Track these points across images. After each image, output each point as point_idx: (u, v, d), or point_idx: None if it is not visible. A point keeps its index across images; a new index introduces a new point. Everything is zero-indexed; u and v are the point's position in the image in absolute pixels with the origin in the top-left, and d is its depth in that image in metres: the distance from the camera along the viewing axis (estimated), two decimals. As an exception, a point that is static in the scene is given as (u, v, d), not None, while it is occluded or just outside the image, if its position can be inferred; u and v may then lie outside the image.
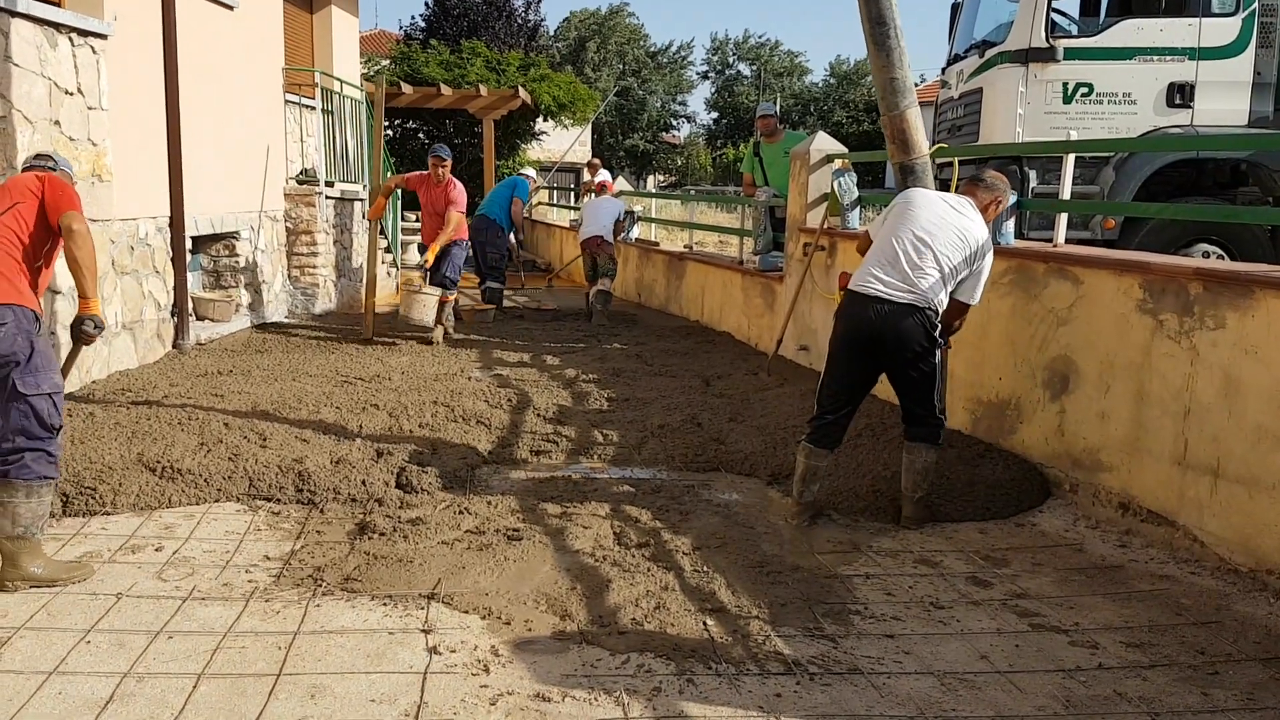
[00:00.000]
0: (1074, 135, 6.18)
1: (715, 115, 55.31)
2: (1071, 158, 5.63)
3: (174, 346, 7.73)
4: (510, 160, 20.80)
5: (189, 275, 8.03)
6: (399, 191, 13.84)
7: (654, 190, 38.52)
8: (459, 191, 9.02)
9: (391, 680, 3.02)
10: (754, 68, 54.27)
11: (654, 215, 15.86)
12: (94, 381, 6.48)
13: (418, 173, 9.43)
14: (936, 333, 4.40)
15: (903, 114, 4.59)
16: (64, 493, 4.42)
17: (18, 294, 3.56)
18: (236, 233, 9.10)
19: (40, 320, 3.66)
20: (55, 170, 3.95)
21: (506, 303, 11.52)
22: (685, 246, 11.83)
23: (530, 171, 12.08)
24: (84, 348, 4.07)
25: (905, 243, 4.39)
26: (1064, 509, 4.77)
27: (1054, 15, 8.58)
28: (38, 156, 4.05)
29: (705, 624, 3.45)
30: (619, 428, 5.93)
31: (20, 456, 3.56)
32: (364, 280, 8.93)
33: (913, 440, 4.54)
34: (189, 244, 7.90)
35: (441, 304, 8.82)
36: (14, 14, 5.56)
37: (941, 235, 4.37)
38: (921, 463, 4.51)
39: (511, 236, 11.72)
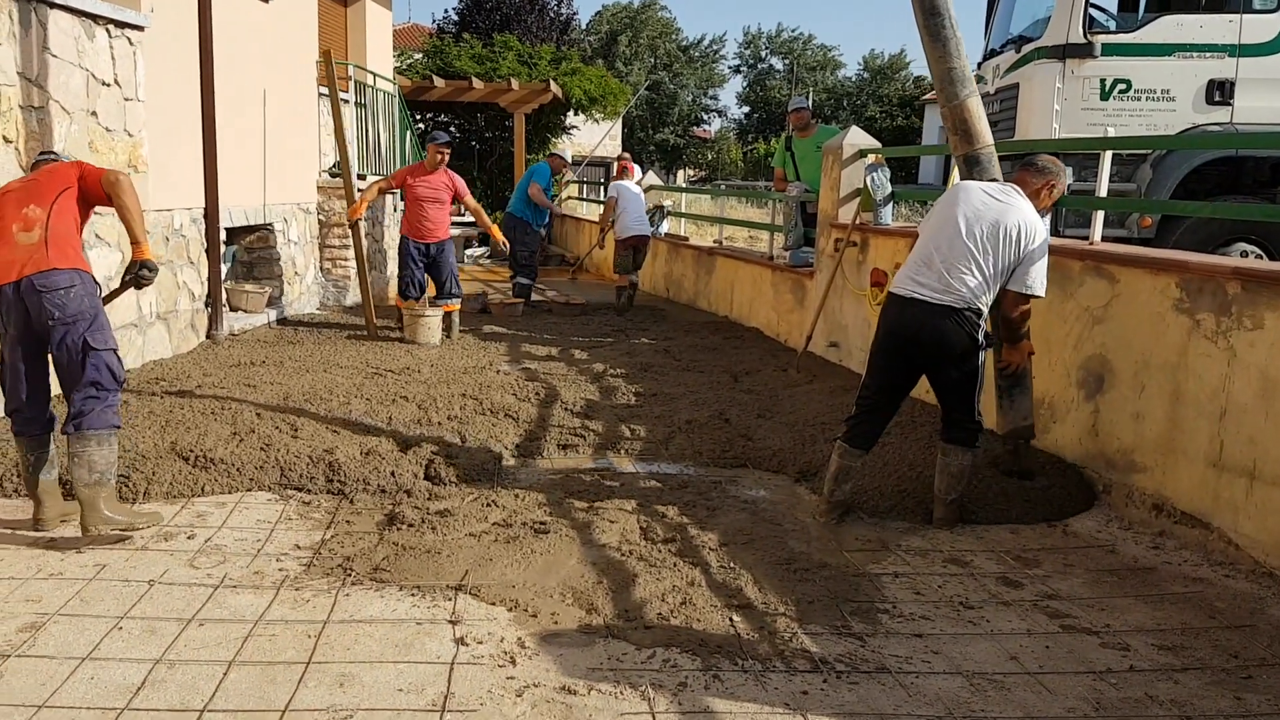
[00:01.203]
0: (1111, 132, 6.10)
1: (746, 109, 55.21)
2: (1108, 155, 5.57)
3: (208, 337, 7.81)
4: (541, 154, 20.81)
5: (223, 266, 8.10)
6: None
7: (684, 185, 38.46)
8: (461, 180, 9.01)
9: (419, 670, 3.04)
10: (786, 62, 54.10)
11: (684, 210, 15.83)
12: (129, 371, 6.56)
13: (403, 169, 9.15)
14: (980, 334, 4.29)
15: (963, 103, 4.52)
16: (99, 480, 4.47)
17: (82, 261, 3.95)
18: (270, 225, 9.17)
19: (98, 284, 4.02)
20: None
21: (535, 297, 11.54)
22: (715, 241, 11.80)
23: (563, 149, 11.88)
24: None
25: (941, 241, 4.31)
26: (1097, 510, 4.72)
27: (1092, 11, 8.48)
28: (44, 154, 4.40)
29: (732, 620, 3.44)
30: (646, 423, 5.93)
31: (93, 408, 3.85)
32: (360, 280, 8.92)
33: (948, 442, 4.46)
34: (223, 235, 7.97)
35: (448, 314, 8.83)
36: (52, 5, 5.63)
37: (978, 230, 4.25)
38: (956, 465, 4.45)
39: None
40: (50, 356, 3.94)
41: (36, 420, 4.03)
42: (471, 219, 18.17)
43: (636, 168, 12.26)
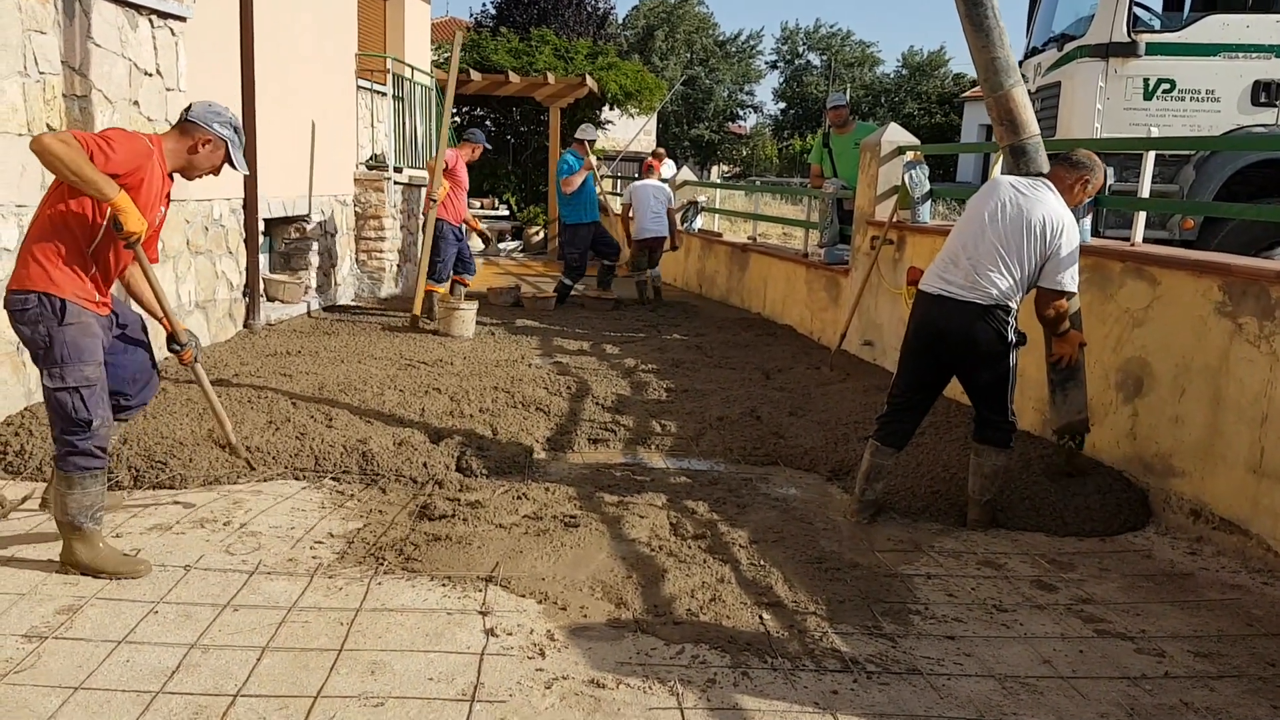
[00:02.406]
0: (1154, 132, 6.01)
1: (783, 105, 54.95)
2: (1151, 155, 5.49)
3: (245, 326, 7.89)
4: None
5: (260, 257, 8.18)
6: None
7: (718, 181, 38.36)
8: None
9: (449, 660, 3.06)
10: (824, 58, 53.79)
11: (718, 206, 15.79)
12: (166, 358, 6.63)
13: (451, 151, 9.51)
14: (1010, 332, 4.25)
15: (1008, 93, 4.45)
16: (135, 466, 4.54)
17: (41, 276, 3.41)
18: (307, 216, 9.25)
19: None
20: None
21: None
22: (749, 238, 11.76)
23: (586, 130, 11.06)
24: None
25: (968, 239, 4.27)
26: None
27: (1136, 9, 8.36)
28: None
29: (761, 618, 3.43)
30: (677, 418, 5.92)
31: (59, 447, 3.50)
32: (421, 261, 9.05)
33: (981, 442, 4.42)
34: (261, 226, 8.04)
35: (429, 293, 9.02)
36: (98, -4, 5.71)
37: (1003, 226, 4.20)
38: (990, 466, 4.40)
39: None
40: None
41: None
42: (504, 213, 18.21)
43: (669, 163, 12.05)
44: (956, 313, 4.22)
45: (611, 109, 21.22)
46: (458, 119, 19.92)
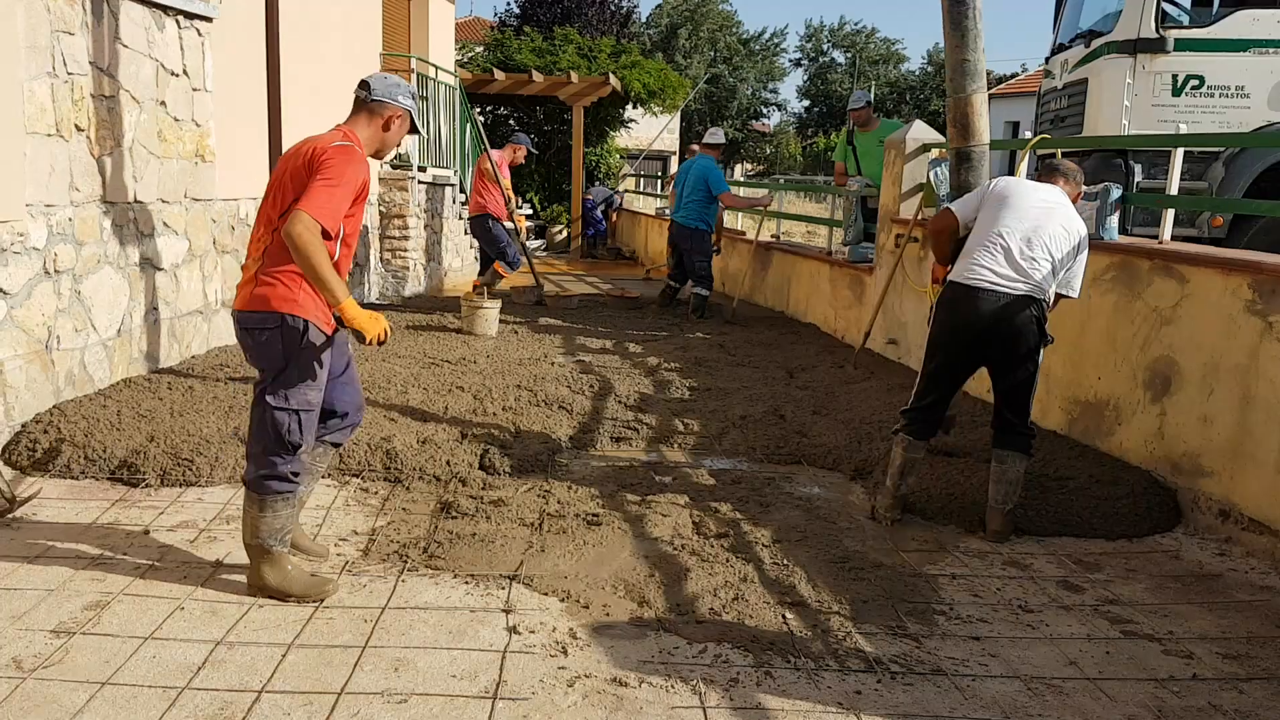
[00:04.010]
0: (1183, 129, 5.95)
1: (807, 103, 54.78)
2: (1180, 152, 5.43)
3: (270, 324, 7.92)
4: (599, 147, 20.84)
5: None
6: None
7: (741, 179, 38.29)
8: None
9: (472, 658, 3.06)
10: (849, 55, 53.59)
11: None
12: (194, 356, 6.69)
13: (501, 155, 9.75)
14: (1046, 327, 4.23)
15: (969, 98, 4.46)
16: (161, 464, 4.57)
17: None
18: (332, 214, 9.29)
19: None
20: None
21: (589, 290, 11.51)
22: (772, 236, 11.73)
23: (718, 134, 10.29)
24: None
25: (1015, 232, 4.19)
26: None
27: (1165, 5, 8.28)
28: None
29: (784, 617, 3.42)
30: (700, 417, 5.91)
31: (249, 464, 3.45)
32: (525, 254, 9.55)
33: (1004, 449, 4.33)
34: (286, 224, 8.08)
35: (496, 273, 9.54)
36: (126, -2, 5.76)
37: (1048, 225, 4.19)
38: (1014, 473, 4.31)
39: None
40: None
41: None
42: (527, 211, 18.26)
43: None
44: (1009, 306, 4.16)
45: (635, 108, 21.21)
46: (481, 117, 19.98)
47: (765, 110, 54.49)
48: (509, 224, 10.13)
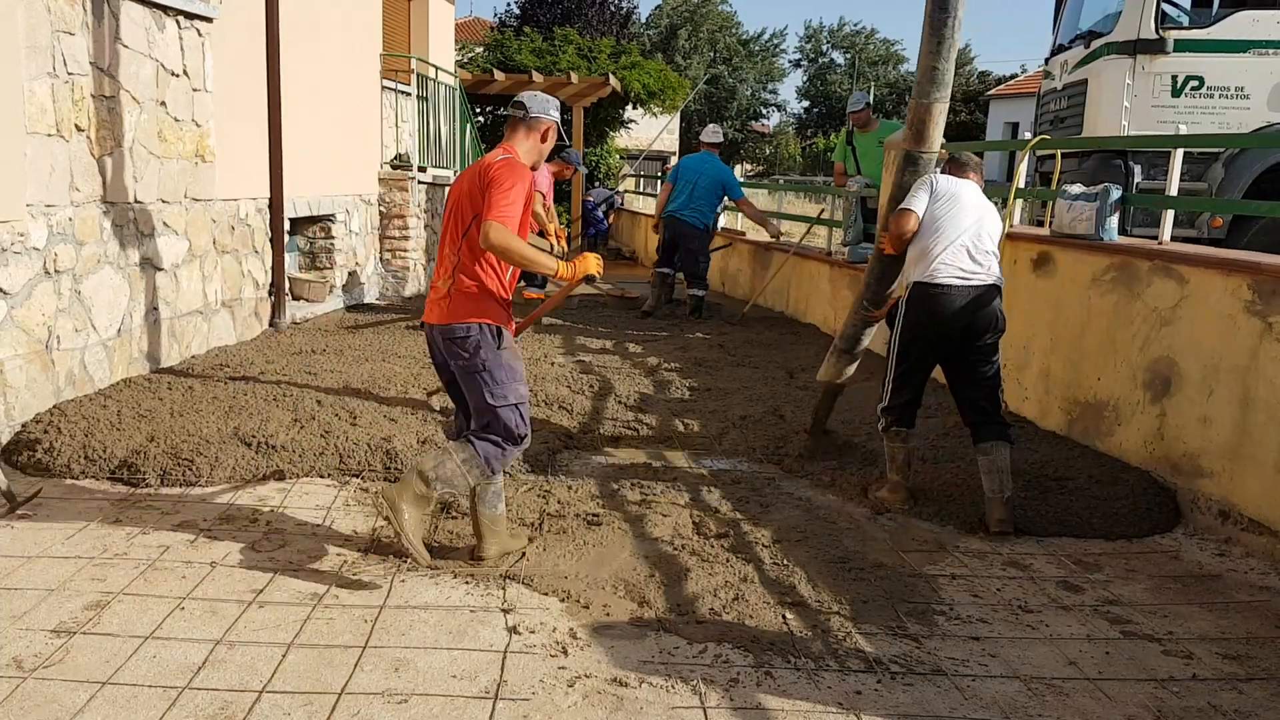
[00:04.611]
0: (1183, 129, 5.96)
1: (806, 104, 54.79)
2: (1179, 153, 5.44)
3: (270, 325, 7.94)
4: (599, 148, 20.84)
5: (286, 256, 8.23)
6: None
7: (741, 179, 38.29)
8: None
9: (472, 658, 3.06)
10: (848, 56, 53.60)
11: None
12: (194, 357, 6.69)
13: (548, 172, 9.70)
14: None
15: (930, 105, 4.55)
16: (161, 464, 4.57)
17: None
18: (332, 215, 9.30)
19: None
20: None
21: (590, 290, 11.45)
22: (772, 236, 11.72)
23: (716, 133, 10.24)
24: None
25: (968, 230, 4.41)
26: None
27: (1164, 6, 8.28)
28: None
29: (784, 617, 3.42)
30: (700, 417, 5.91)
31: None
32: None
33: (988, 440, 4.39)
34: (287, 225, 8.10)
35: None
36: (126, -2, 5.76)
37: (987, 219, 4.48)
38: (1003, 460, 4.35)
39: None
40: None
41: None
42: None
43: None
44: (978, 296, 4.36)
45: (635, 108, 21.23)
46: (480, 118, 19.99)
47: (765, 111, 54.49)
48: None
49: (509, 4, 28.76)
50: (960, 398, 4.54)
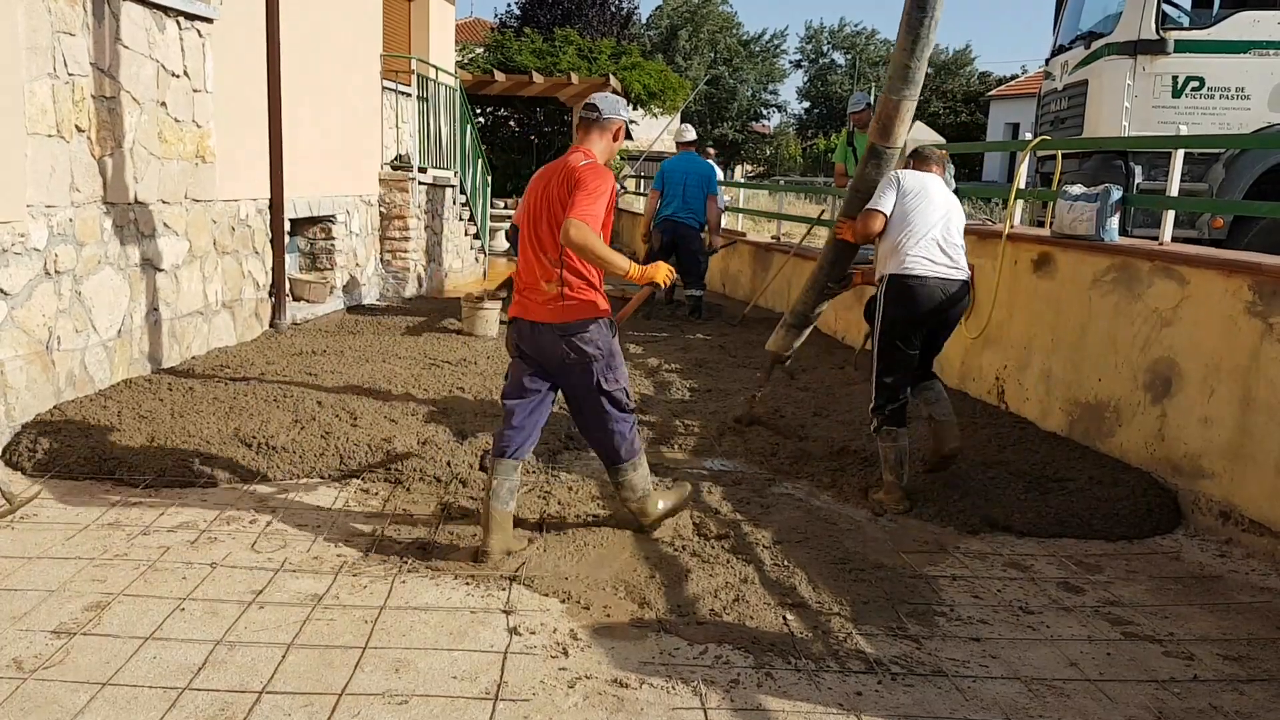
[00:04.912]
0: (1183, 130, 5.95)
1: (807, 105, 54.79)
2: (1180, 153, 5.44)
3: (271, 325, 7.94)
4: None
5: (287, 256, 8.23)
6: (489, 178, 14.02)
7: (741, 180, 38.29)
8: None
9: (473, 658, 3.06)
10: (849, 57, 53.60)
11: (741, 205, 15.75)
12: (194, 357, 6.69)
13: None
14: None
15: (899, 103, 4.62)
16: (162, 465, 4.57)
17: None
18: (333, 216, 9.30)
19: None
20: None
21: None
22: (772, 237, 11.73)
23: (688, 131, 10.23)
24: None
25: (938, 224, 4.56)
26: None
27: (1165, 6, 8.28)
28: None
29: (785, 618, 3.42)
30: (701, 418, 5.91)
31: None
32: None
33: (928, 379, 4.86)
34: (287, 226, 8.09)
35: None
36: (127, -1, 5.76)
37: (954, 213, 4.64)
38: (944, 392, 4.89)
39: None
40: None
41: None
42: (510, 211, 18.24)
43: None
44: (959, 292, 4.59)
45: (635, 109, 21.26)
46: (482, 120, 20.01)
47: (765, 112, 54.49)
48: None
49: (509, 5, 28.78)
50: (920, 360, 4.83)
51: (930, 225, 4.55)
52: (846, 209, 4.93)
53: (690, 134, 10.37)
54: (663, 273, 3.93)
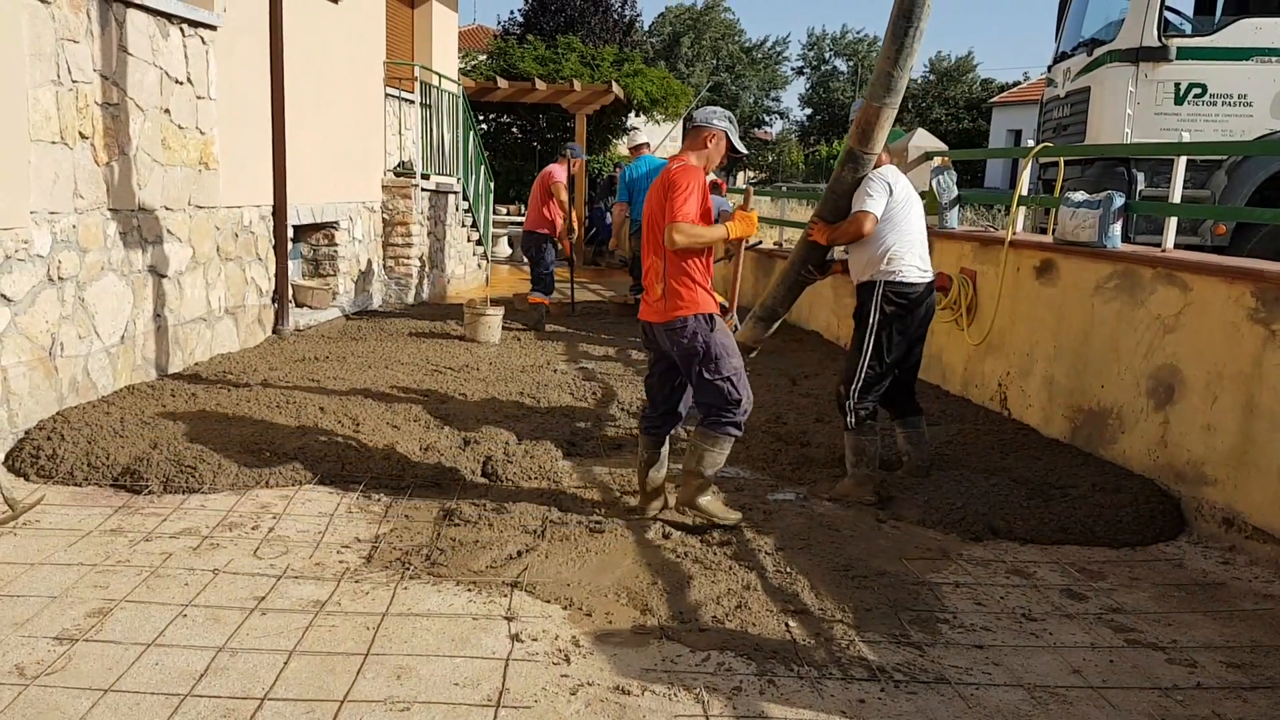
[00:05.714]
0: (1186, 137, 5.96)
1: (809, 112, 54.83)
2: (1183, 160, 5.44)
3: (274, 332, 7.95)
4: (601, 155, 20.85)
5: (290, 263, 8.24)
6: (491, 184, 14.02)
7: (743, 186, 38.25)
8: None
9: (475, 665, 3.06)
10: (851, 64, 53.65)
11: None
12: (197, 363, 6.70)
13: (560, 170, 9.70)
14: None
15: (879, 110, 4.66)
16: (164, 471, 4.57)
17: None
18: (336, 222, 9.31)
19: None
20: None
21: (592, 297, 11.43)
22: (774, 244, 11.73)
23: (639, 134, 10.41)
24: None
25: (922, 229, 4.75)
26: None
27: (1167, 14, 8.29)
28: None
29: (787, 625, 3.41)
30: (704, 424, 5.90)
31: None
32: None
33: (914, 414, 4.99)
34: (290, 232, 8.11)
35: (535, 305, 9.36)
36: (129, 4, 5.78)
37: (922, 214, 4.83)
38: (926, 432, 5.03)
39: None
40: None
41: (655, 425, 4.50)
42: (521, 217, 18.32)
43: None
44: (931, 293, 4.80)
45: (637, 115, 21.26)
46: (484, 126, 20.03)
47: (768, 118, 54.58)
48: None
49: (512, 12, 28.92)
50: (894, 379, 4.86)
51: (917, 231, 4.71)
52: (820, 210, 4.93)
53: (642, 137, 10.48)
54: (754, 227, 4.30)
